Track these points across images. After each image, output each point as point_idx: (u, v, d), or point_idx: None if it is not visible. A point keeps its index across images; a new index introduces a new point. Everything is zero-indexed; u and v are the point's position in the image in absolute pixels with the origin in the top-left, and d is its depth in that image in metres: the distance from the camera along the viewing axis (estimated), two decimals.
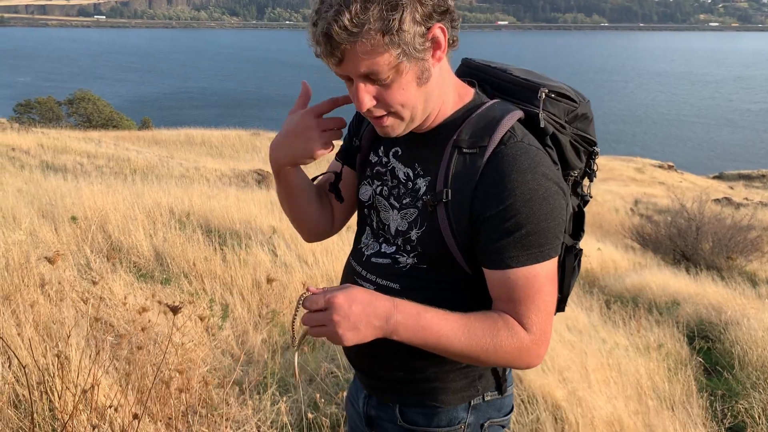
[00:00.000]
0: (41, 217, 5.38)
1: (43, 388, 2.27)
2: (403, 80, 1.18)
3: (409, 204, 1.33)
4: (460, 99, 1.31)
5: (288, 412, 3.01)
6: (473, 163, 1.23)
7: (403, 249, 1.34)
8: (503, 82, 1.35)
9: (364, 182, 1.45)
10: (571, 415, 3.23)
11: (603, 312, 6.16)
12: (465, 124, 1.26)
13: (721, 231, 11.23)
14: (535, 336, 1.23)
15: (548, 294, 1.24)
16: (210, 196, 7.62)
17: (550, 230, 1.21)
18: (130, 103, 55.94)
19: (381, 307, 1.16)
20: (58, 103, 32.51)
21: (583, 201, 1.43)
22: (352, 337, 1.14)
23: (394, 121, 1.24)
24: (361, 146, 1.46)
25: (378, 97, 1.20)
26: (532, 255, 1.21)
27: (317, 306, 1.14)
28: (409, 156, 1.35)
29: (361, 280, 1.41)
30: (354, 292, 1.15)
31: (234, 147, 24.52)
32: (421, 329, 1.18)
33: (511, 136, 1.22)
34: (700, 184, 27.35)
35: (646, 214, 17.46)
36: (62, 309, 3.21)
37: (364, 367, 1.46)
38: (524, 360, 1.25)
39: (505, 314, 1.24)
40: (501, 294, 1.24)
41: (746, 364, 4.76)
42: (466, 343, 1.20)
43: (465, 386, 1.39)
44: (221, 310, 4.27)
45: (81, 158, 14.15)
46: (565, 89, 1.33)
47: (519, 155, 1.20)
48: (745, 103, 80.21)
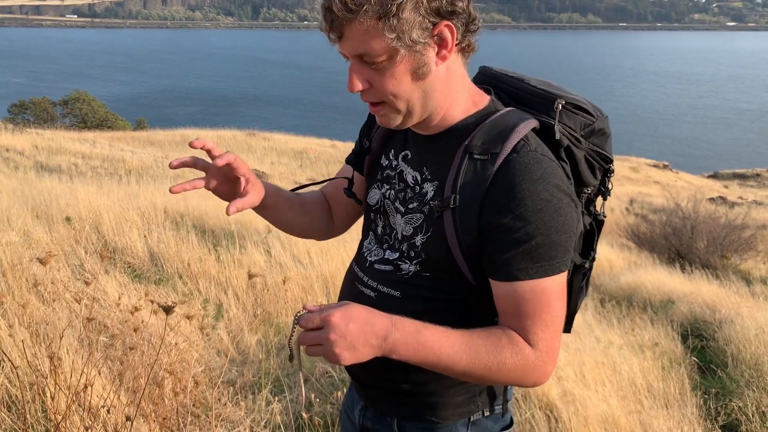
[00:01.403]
0: (35, 218, 5.37)
1: (36, 389, 2.27)
2: (396, 69, 1.16)
3: (415, 209, 1.30)
4: (474, 105, 1.28)
5: (282, 412, 3.01)
6: (484, 169, 1.19)
7: (407, 255, 1.31)
8: (520, 91, 1.32)
9: (374, 186, 1.42)
10: (565, 414, 3.24)
11: (598, 311, 6.18)
12: (478, 129, 1.23)
13: (715, 230, 11.27)
14: (541, 353, 1.19)
15: (557, 309, 1.20)
16: (205, 197, 7.61)
17: (561, 243, 1.17)
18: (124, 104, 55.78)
19: (378, 325, 1.13)
20: (53, 103, 32.44)
21: (595, 220, 1.39)
22: (349, 356, 1.11)
23: (388, 111, 1.21)
24: (371, 148, 1.44)
25: (371, 82, 1.19)
26: (541, 268, 1.17)
27: (313, 325, 1.11)
28: (418, 160, 1.32)
29: (362, 286, 1.38)
30: (351, 310, 1.12)
31: (229, 147, 24.49)
32: (421, 347, 1.14)
33: (524, 144, 1.19)
34: (695, 183, 27.45)
35: (641, 213, 17.51)
36: (55, 310, 3.20)
37: (364, 378, 1.42)
38: (530, 378, 1.21)
39: (510, 330, 1.20)
40: (507, 307, 1.21)
41: (740, 363, 4.78)
42: (467, 362, 1.16)
43: (465, 401, 1.35)
44: (215, 310, 4.26)
45: (76, 159, 14.12)
46: (582, 102, 1.29)
47: (531, 164, 1.16)
48: (739, 103, 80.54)
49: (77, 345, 2.70)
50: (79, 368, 2.42)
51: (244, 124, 32.98)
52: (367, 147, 1.45)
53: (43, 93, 36.61)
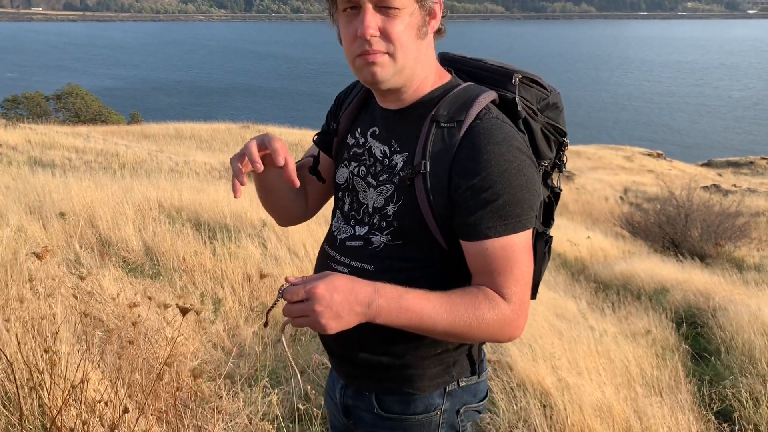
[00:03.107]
0: (29, 213, 5.35)
1: (32, 384, 2.27)
2: (408, 20, 1.24)
3: (385, 180, 1.35)
4: (440, 79, 1.36)
5: (279, 404, 3.03)
6: (451, 136, 1.26)
7: (378, 227, 1.35)
8: (478, 70, 1.41)
9: (341, 165, 1.46)
10: (559, 402, 3.26)
11: (592, 300, 6.21)
12: (442, 101, 1.31)
13: (709, 218, 11.33)
14: (515, 306, 1.25)
15: (525, 264, 1.27)
16: (200, 190, 7.60)
17: (525, 201, 1.24)
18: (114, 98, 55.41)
19: (362, 293, 1.17)
20: (46, 98, 32.23)
21: (553, 193, 1.45)
22: (336, 325, 1.15)
23: (386, 60, 1.25)
24: (338, 129, 1.48)
25: (382, 29, 1.23)
26: (509, 225, 1.23)
27: (298, 297, 1.14)
28: (386, 134, 1.37)
29: (335, 264, 1.41)
30: (334, 280, 1.15)
31: (224, 140, 24.44)
32: (404, 311, 1.19)
33: (486, 112, 1.27)
34: (689, 172, 27.52)
35: (635, 202, 17.57)
36: (51, 305, 3.20)
37: (340, 352, 1.46)
38: (506, 332, 1.27)
39: (485, 288, 1.26)
40: (479, 266, 1.26)
41: (733, 349, 4.82)
42: (449, 320, 1.21)
43: (440, 372, 1.40)
44: (212, 304, 4.27)
45: (69, 153, 14.06)
46: (537, 77, 1.38)
47: (494, 129, 1.24)
48: (730, 90, 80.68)
49: (73, 340, 2.70)
50: (76, 363, 2.42)
51: (236, 116, 32.85)
52: (334, 128, 1.49)
53: (36, 87, 36.39)
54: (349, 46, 1.26)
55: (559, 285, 6.91)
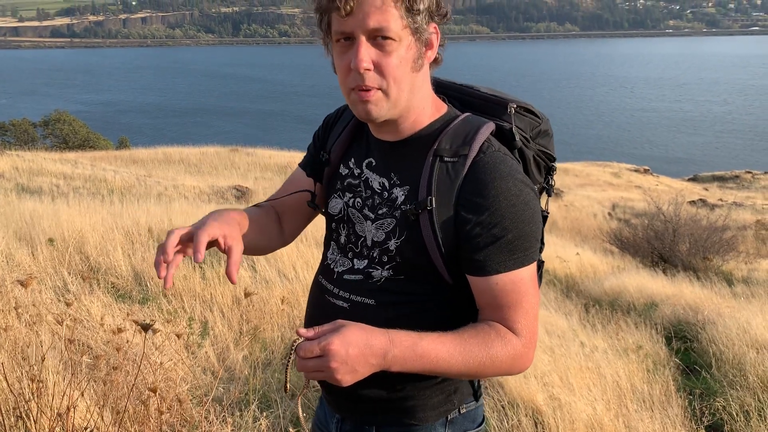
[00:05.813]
0: (18, 240, 5.32)
1: (18, 413, 2.25)
2: (403, 54, 1.21)
3: (385, 214, 1.32)
4: (437, 110, 1.34)
5: (270, 428, 3.00)
6: (456, 171, 1.25)
7: (379, 261, 1.32)
8: (471, 98, 1.40)
9: (335, 195, 1.43)
10: (551, 420, 3.26)
11: (582, 316, 6.22)
12: (444, 134, 1.29)
13: (697, 232, 11.41)
14: (525, 339, 1.25)
15: (533, 296, 1.27)
16: (189, 214, 7.58)
17: (532, 234, 1.25)
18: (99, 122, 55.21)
19: (377, 345, 1.15)
20: (33, 124, 32.12)
21: (541, 216, 1.44)
22: (351, 379, 1.14)
23: (379, 97, 1.23)
24: (330, 160, 1.45)
25: (376, 64, 1.20)
26: (518, 259, 1.23)
27: (312, 354, 1.11)
28: (384, 166, 1.35)
29: (333, 297, 1.38)
30: (348, 334, 1.12)
31: (212, 164, 24.40)
32: (419, 358, 1.18)
33: (489, 145, 1.26)
34: (675, 187, 27.74)
35: (623, 217, 17.67)
36: (38, 332, 3.17)
37: (340, 389, 1.40)
38: (517, 366, 1.26)
39: (495, 324, 1.24)
40: (488, 301, 1.25)
41: (723, 363, 4.83)
42: (463, 362, 1.20)
43: (442, 401, 1.37)
44: (201, 328, 4.24)
45: (57, 180, 13.99)
46: (530, 105, 1.37)
47: (498, 163, 1.24)
48: (712, 105, 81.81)
49: (60, 367, 2.68)
50: (62, 390, 2.40)
51: (226, 140, 32.89)
52: (326, 158, 1.45)
53: (22, 114, 36.27)
54: (344, 77, 1.24)
55: (550, 302, 6.93)
